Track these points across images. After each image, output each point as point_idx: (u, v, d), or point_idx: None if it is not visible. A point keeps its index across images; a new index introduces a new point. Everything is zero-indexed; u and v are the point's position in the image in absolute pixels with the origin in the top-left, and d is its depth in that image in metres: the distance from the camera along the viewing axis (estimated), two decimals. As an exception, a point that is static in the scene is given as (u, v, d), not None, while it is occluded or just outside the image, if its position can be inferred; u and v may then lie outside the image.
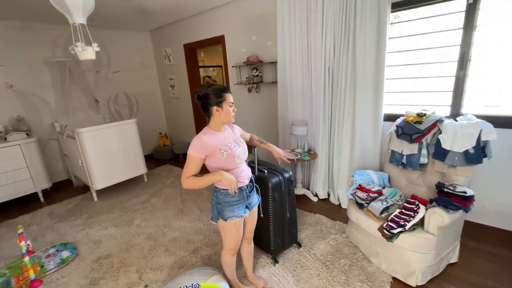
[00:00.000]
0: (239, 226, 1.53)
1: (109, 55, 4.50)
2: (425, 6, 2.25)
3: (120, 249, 2.41)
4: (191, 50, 4.51)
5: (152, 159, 5.12)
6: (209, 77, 5.48)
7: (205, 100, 1.40)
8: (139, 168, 3.83)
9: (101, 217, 3.03)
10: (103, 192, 3.63)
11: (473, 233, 2.19)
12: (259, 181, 1.90)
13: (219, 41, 3.92)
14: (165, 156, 5.08)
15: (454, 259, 1.95)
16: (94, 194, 3.48)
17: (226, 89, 1.43)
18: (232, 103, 1.45)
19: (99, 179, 3.37)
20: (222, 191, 1.47)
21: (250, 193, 1.55)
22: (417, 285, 1.76)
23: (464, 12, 2.06)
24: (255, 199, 1.64)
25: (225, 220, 1.48)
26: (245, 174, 1.52)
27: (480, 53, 2.08)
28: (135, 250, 2.39)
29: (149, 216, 2.98)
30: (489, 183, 2.16)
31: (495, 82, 2.09)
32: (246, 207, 1.54)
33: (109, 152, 3.42)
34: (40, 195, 3.55)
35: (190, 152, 1.37)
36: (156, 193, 3.59)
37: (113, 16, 3.76)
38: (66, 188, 4.00)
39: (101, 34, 4.31)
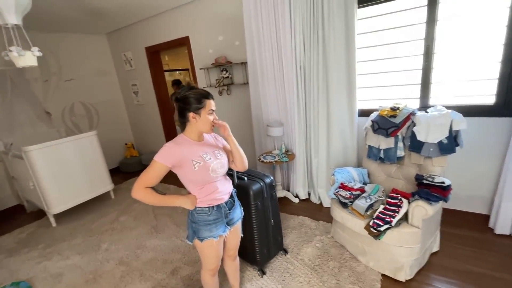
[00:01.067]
0: (217, 246, 1.37)
1: (60, 61, 4.04)
2: (391, 1, 2.27)
3: (86, 281, 2.12)
4: (154, 53, 4.22)
5: (119, 173, 4.72)
6: (177, 81, 5.17)
7: (182, 104, 1.25)
8: (104, 184, 3.48)
9: (61, 245, 2.66)
10: (63, 216, 3.22)
11: (448, 220, 2.26)
12: (240, 190, 1.76)
13: (183, 42, 3.71)
14: (133, 168, 4.70)
15: (435, 248, 1.99)
16: (52, 219, 3.07)
17: (208, 94, 1.28)
18: (213, 110, 1.30)
19: (57, 202, 2.98)
20: (197, 209, 1.31)
21: (230, 210, 1.40)
22: (406, 280, 1.76)
23: (426, 7, 2.11)
24: (238, 214, 1.48)
25: (201, 240, 1.32)
26: (223, 190, 1.36)
27: (443, 45, 2.15)
28: (104, 279, 2.11)
29: (119, 238, 2.68)
30: (460, 170, 2.25)
31: (459, 72, 2.18)
32: (227, 223, 1.39)
33: (66, 170, 3.04)
34: (-16, 226, 3.05)
35: (156, 157, 1.21)
36: (125, 210, 3.28)
37: (61, 18, 3.36)
38: (17, 215, 3.49)
39: (49, 37, 3.86)
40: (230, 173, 1.87)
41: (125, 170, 4.74)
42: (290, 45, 2.57)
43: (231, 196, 1.44)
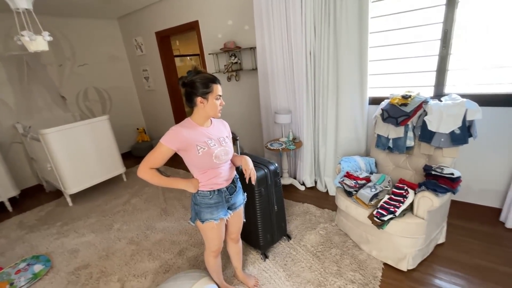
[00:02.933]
0: (218, 228, 1.41)
1: (73, 46, 4.11)
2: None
3: (100, 257, 2.25)
4: (164, 38, 4.21)
5: (131, 157, 4.86)
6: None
7: (190, 89, 1.25)
8: (117, 167, 3.60)
9: (77, 224, 2.81)
10: (79, 196, 3.39)
11: (458, 212, 2.22)
12: (243, 176, 1.78)
13: (193, 27, 3.66)
14: (144, 152, 4.80)
15: (441, 239, 1.96)
16: (69, 199, 3.23)
17: (215, 79, 1.28)
18: (220, 95, 1.30)
19: (72, 183, 3.13)
20: (199, 192, 1.34)
21: (231, 194, 1.43)
22: (408, 269, 1.75)
23: (446, -13, 1.98)
24: (240, 199, 1.51)
25: (202, 222, 1.37)
26: (226, 175, 1.38)
27: (463, 30, 2.02)
28: (116, 257, 2.24)
29: (130, 219, 2.80)
30: (472, 162, 2.17)
31: (478, 59, 2.05)
32: (229, 208, 1.42)
33: (81, 152, 3.16)
34: (7, 204, 3.26)
35: (162, 140, 1.22)
36: (136, 192, 3.40)
37: (74, 2, 3.39)
38: (37, 194, 3.70)
39: (61, 22, 3.91)
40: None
41: (136, 154, 4.88)
42: (300, 30, 2.49)
43: (233, 182, 1.46)
